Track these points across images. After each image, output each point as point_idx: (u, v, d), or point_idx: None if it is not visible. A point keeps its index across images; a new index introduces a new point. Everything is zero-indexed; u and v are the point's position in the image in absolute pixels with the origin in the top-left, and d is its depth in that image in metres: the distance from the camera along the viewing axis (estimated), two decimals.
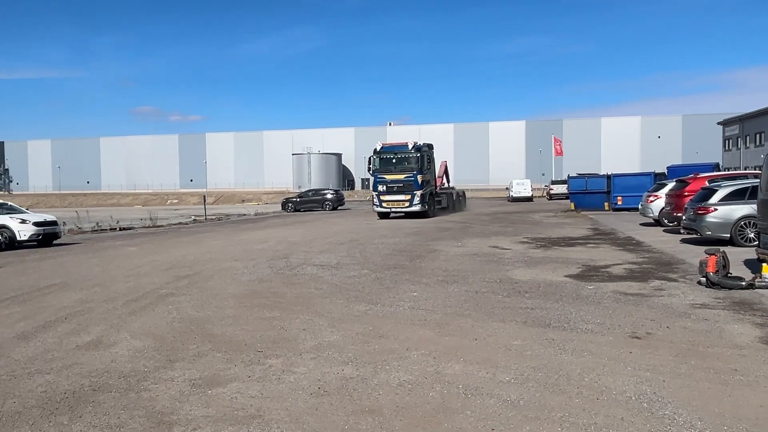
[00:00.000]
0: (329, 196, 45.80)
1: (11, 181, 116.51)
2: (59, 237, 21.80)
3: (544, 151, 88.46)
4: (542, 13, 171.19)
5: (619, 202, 30.52)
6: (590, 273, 10.76)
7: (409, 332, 6.76)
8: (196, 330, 7.11)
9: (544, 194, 64.52)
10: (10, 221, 20.09)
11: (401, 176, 28.98)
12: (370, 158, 30.07)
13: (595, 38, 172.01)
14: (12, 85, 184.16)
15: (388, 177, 29.23)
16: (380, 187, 29.47)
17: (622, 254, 13.32)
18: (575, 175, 40.30)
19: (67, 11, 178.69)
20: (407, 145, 29.81)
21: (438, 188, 34.02)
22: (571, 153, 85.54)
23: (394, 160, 29.51)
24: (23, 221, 20.23)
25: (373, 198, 30.39)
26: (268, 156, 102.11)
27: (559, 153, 75.62)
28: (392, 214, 29.84)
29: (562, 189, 52.89)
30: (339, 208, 44.74)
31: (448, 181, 39.41)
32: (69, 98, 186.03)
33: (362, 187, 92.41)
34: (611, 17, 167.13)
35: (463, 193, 39.43)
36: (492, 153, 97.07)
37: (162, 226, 31.43)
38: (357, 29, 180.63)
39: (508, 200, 57.60)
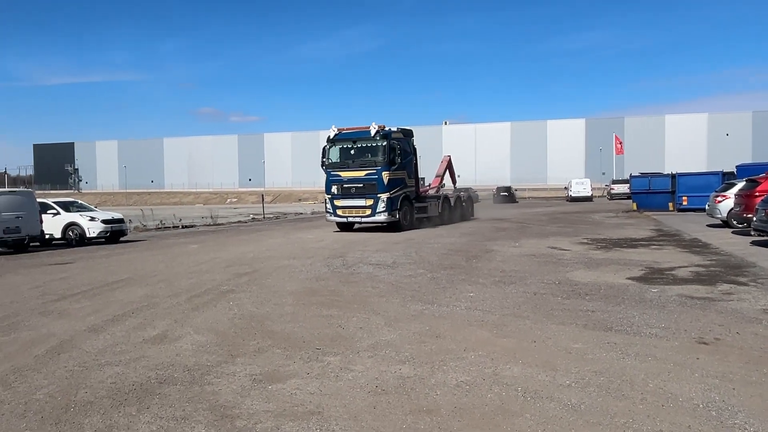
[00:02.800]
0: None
1: (81, 180, 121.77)
2: (126, 234, 22.67)
3: (604, 150, 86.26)
4: (603, 8, 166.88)
5: (684, 203, 29.47)
6: (654, 275, 10.43)
7: (466, 333, 6.71)
8: (256, 326, 7.26)
9: (605, 194, 62.95)
10: (80, 219, 21.03)
11: (361, 173, 21.50)
12: (323, 148, 22.68)
13: (658, 33, 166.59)
14: (82, 88, 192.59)
15: (344, 174, 21.78)
16: (333, 188, 22.06)
17: (688, 256, 12.85)
18: (638, 174, 39.09)
19: (133, 17, 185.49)
20: (369, 131, 21.66)
21: (429, 190, 27.58)
22: (633, 151, 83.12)
23: (352, 151, 21.96)
24: (92, 219, 21.15)
25: (325, 203, 22.88)
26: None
27: (621, 151, 73.60)
28: (357, 225, 22.73)
29: (623, 188, 51.45)
30: None
31: (454, 183, 32.43)
32: (135, 100, 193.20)
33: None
34: (675, 11, 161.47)
35: (469, 197, 30.76)
36: (550, 152, 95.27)
37: (222, 224, 32.25)
38: (413, 28, 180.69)
39: (567, 200, 56.50)
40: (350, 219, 21.93)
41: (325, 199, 22.75)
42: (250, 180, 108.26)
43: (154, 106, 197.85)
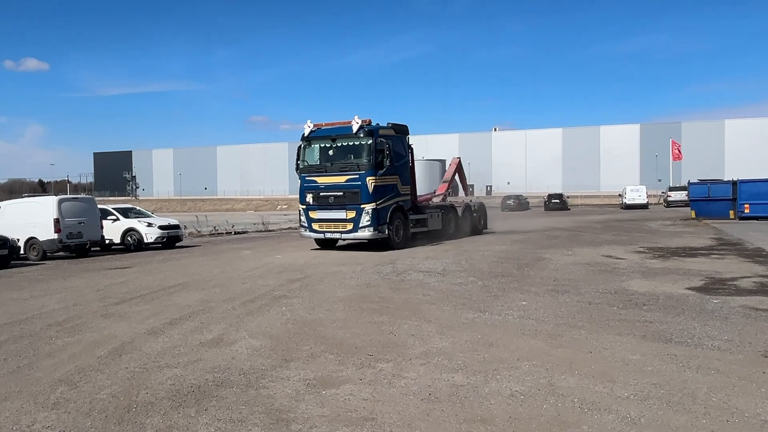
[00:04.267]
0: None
1: (138, 187, 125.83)
2: (181, 240, 23.29)
3: (660, 156, 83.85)
4: (657, 10, 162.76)
5: (747, 211, 28.35)
6: (715, 286, 10.07)
7: (520, 342, 6.63)
8: (308, 331, 7.34)
9: (661, 201, 61.20)
10: (138, 225, 21.72)
11: (341, 179, 17.60)
12: (298, 148, 18.81)
13: (716, 35, 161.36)
14: (139, 99, 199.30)
15: (321, 180, 17.95)
16: (308, 197, 18.11)
17: (751, 266, 12.36)
18: (696, 181, 37.83)
19: (188, 29, 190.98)
20: (351, 127, 17.62)
21: (432, 199, 23.03)
22: (691, 157, 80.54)
23: (331, 152, 18.16)
24: (150, 225, 21.82)
25: (299, 214, 18.87)
26: None
27: (678, 157, 71.42)
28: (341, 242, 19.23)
29: (681, 196, 49.91)
30: None
31: (465, 190, 27.79)
32: (189, 109, 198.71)
33: (466, 194, 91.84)
34: (733, 12, 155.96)
35: (481, 206, 25.36)
36: (603, 158, 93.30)
37: (273, 230, 32.77)
38: (462, 35, 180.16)
39: (621, 207, 55.18)
40: (328, 235, 18.09)
41: (299, 210, 18.81)
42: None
43: (208, 115, 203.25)
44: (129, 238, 21.48)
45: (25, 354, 6.67)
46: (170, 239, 22.11)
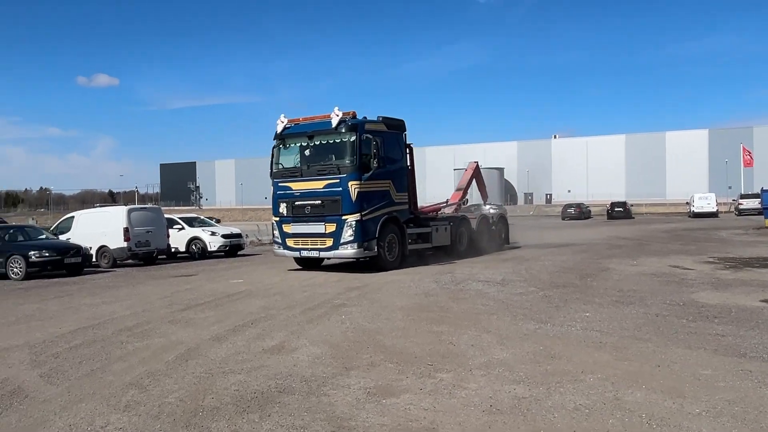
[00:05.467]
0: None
1: (201, 197, 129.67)
2: (243, 248, 23.85)
3: (730, 162, 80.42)
4: (724, 11, 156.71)
5: None
6: None
7: (583, 354, 6.46)
8: (368, 340, 7.37)
9: (732, 209, 58.60)
10: (202, 233, 22.39)
11: (319, 185, 14.77)
12: (272, 150, 15.84)
13: None
14: (202, 111, 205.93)
15: (296, 186, 15.16)
16: (282, 207, 15.36)
17: None
18: None
19: (249, 43, 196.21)
20: (330, 121, 14.69)
21: (443, 209, 20.06)
22: (764, 163, 76.91)
23: (308, 152, 15.26)
24: (213, 233, 22.46)
25: (272, 228, 16.40)
26: (430, 171, 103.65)
27: (749, 164, 68.24)
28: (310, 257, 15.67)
29: (753, 203, 47.72)
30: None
31: (484, 198, 24.37)
32: (250, 121, 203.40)
33: (525, 202, 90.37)
34: None
35: (501, 217, 22.02)
36: (669, 165, 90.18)
37: None
38: (521, 41, 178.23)
39: (689, 216, 53.15)
40: (304, 253, 15.16)
41: (272, 224, 16.11)
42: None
43: (268, 126, 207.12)
44: (194, 247, 22.17)
45: (98, 357, 6.96)
46: (233, 248, 22.67)
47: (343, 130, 14.58)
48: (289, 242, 15.36)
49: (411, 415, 4.76)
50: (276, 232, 15.71)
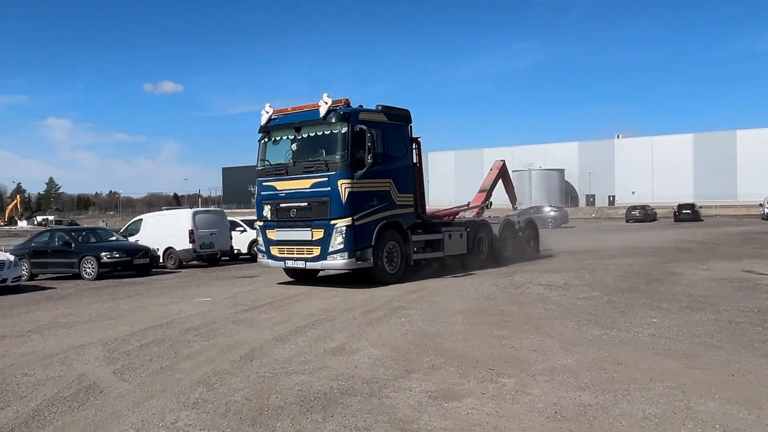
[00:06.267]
0: (552, 213, 44.46)
1: None
2: None
3: None
4: None
5: None
6: None
7: (651, 361, 6.26)
8: (428, 343, 7.36)
9: None
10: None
11: (305, 184, 12.93)
12: (259, 143, 14.20)
13: None
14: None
15: (281, 186, 13.39)
16: (266, 210, 13.64)
17: None
18: None
19: (305, 49, 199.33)
20: (318, 111, 12.82)
21: (462, 213, 18.36)
22: None
23: (294, 146, 13.48)
24: None
25: (257, 234, 14.66)
26: (487, 172, 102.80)
27: None
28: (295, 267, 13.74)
29: None
30: (563, 225, 43.20)
31: (513, 200, 22.14)
32: None
33: (587, 204, 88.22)
34: None
35: (529, 222, 19.65)
36: (740, 165, 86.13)
37: None
38: (578, 40, 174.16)
39: (762, 218, 50.72)
40: (289, 263, 13.34)
41: (257, 229, 14.49)
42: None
43: None
44: (255, 249, 22.55)
45: (166, 356, 7.20)
46: None
47: (333, 120, 12.63)
48: (274, 250, 13.46)
49: (473, 419, 4.72)
50: (260, 239, 13.92)
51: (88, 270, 17.17)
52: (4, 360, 7.31)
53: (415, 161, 14.57)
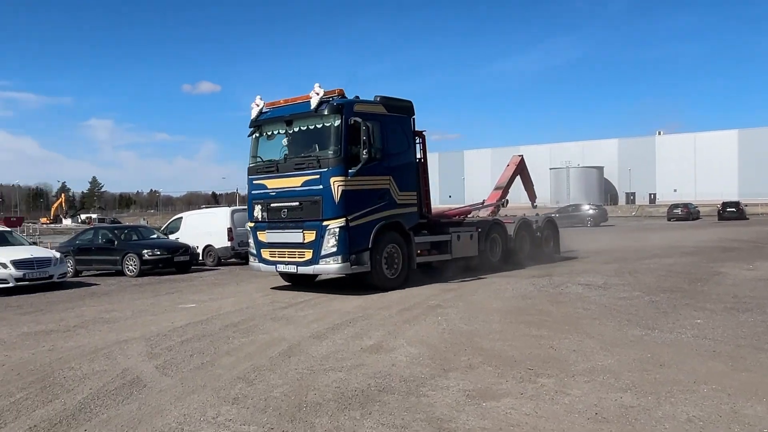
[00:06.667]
0: (590, 211, 43.78)
1: None
2: None
3: None
4: None
5: None
6: None
7: (695, 363, 6.12)
8: (465, 342, 7.33)
9: None
10: None
11: (296, 182, 12.06)
12: (251, 140, 13.28)
13: None
14: None
15: (272, 185, 12.58)
16: (256, 210, 12.84)
17: None
18: None
19: (342, 44, 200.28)
20: (309, 103, 11.94)
21: (474, 212, 17.32)
22: None
23: (285, 141, 12.68)
24: None
25: (248, 236, 13.51)
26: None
27: None
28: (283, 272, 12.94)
29: None
30: (602, 224, 42.49)
31: (532, 198, 21.12)
32: None
33: (626, 202, 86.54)
34: None
35: (548, 222, 18.15)
36: None
37: None
38: (621, 34, 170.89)
39: None
40: (281, 267, 12.43)
41: (248, 230, 13.49)
42: (450, 197, 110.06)
43: None
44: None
45: (207, 351, 7.33)
46: None
47: (326, 113, 11.71)
48: (265, 254, 12.59)
49: (512, 419, 4.68)
50: (251, 241, 13.04)
51: (130, 267, 17.58)
52: (52, 354, 7.54)
53: (419, 156, 13.65)
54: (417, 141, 13.57)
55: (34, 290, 14.24)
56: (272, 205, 12.45)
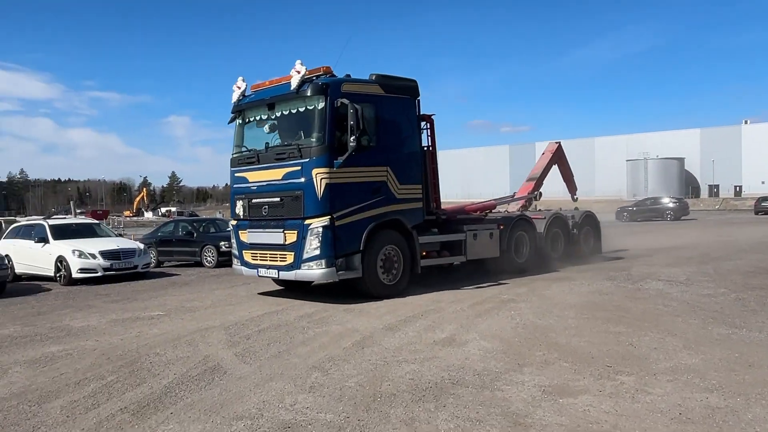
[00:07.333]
0: (670, 205, 41.97)
1: None
2: None
3: None
4: None
5: None
6: None
7: None
8: (539, 337, 7.20)
9: None
10: None
11: (278, 174, 10.57)
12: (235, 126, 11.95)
13: None
14: None
15: (253, 178, 11.11)
16: (238, 207, 11.42)
17: None
18: None
19: (412, 39, 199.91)
20: (289, 84, 10.40)
21: (506, 207, 16.39)
22: None
23: (267, 128, 11.41)
24: None
25: (231, 235, 11.90)
26: (599, 162, 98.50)
27: None
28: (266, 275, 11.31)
29: None
30: (682, 218, 40.70)
31: (572, 189, 18.88)
32: None
33: (709, 195, 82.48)
34: None
35: (586, 216, 16.12)
36: None
37: None
38: (705, 17, 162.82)
39: None
40: (262, 272, 10.93)
41: (231, 229, 11.87)
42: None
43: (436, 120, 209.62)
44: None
45: (283, 341, 7.52)
46: None
47: (308, 94, 10.19)
48: (247, 256, 11.22)
49: (591, 417, 4.58)
50: (234, 242, 11.66)
51: (208, 258, 18.22)
52: (139, 340, 7.94)
53: (426, 144, 12.01)
54: (424, 127, 12.03)
55: (120, 279, 15.01)
56: (254, 201, 11.04)
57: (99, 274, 14.85)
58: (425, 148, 11.97)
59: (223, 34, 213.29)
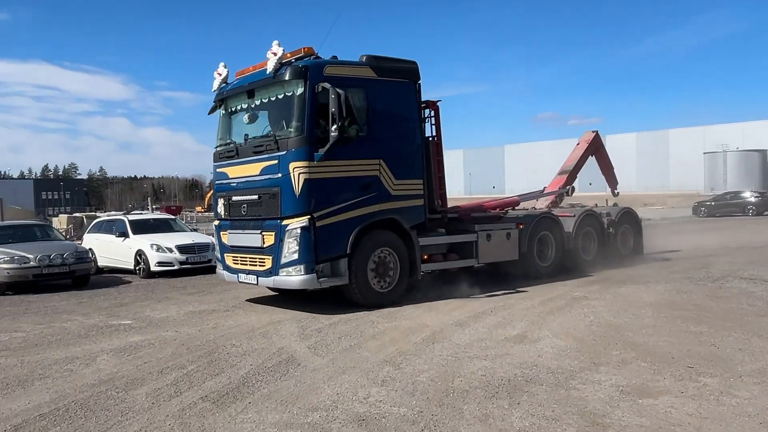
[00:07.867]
0: (752, 199, 39.84)
1: None
2: None
3: None
4: None
5: None
6: None
7: None
8: (615, 336, 7.02)
9: None
10: None
11: (255, 168, 9.55)
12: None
13: None
14: None
15: (233, 173, 10.15)
16: (219, 205, 10.54)
17: None
18: None
19: (475, 32, 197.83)
20: (265, 70, 9.39)
21: (534, 204, 14.75)
22: None
23: (246, 118, 10.16)
24: None
25: (215, 236, 11.36)
26: (674, 156, 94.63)
27: None
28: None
29: None
30: (765, 213, 38.61)
31: (612, 183, 17.53)
32: (478, 111, 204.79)
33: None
34: None
35: (626, 213, 14.43)
36: None
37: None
38: None
39: None
40: (242, 277, 9.89)
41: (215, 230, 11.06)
42: (590, 184, 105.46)
43: (495, 115, 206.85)
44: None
45: (353, 335, 7.62)
46: None
47: (286, 78, 9.11)
48: (228, 259, 10.31)
49: (672, 418, 4.43)
50: (216, 243, 10.91)
51: None
52: (216, 331, 8.22)
53: (429, 134, 10.87)
54: (428, 115, 10.91)
55: (195, 273, 15.55)
56: (233, 198, 10.11)
57: (175, 267, 15.43)
58: (430, 139, 10.86)
59: (279, 33, 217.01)
